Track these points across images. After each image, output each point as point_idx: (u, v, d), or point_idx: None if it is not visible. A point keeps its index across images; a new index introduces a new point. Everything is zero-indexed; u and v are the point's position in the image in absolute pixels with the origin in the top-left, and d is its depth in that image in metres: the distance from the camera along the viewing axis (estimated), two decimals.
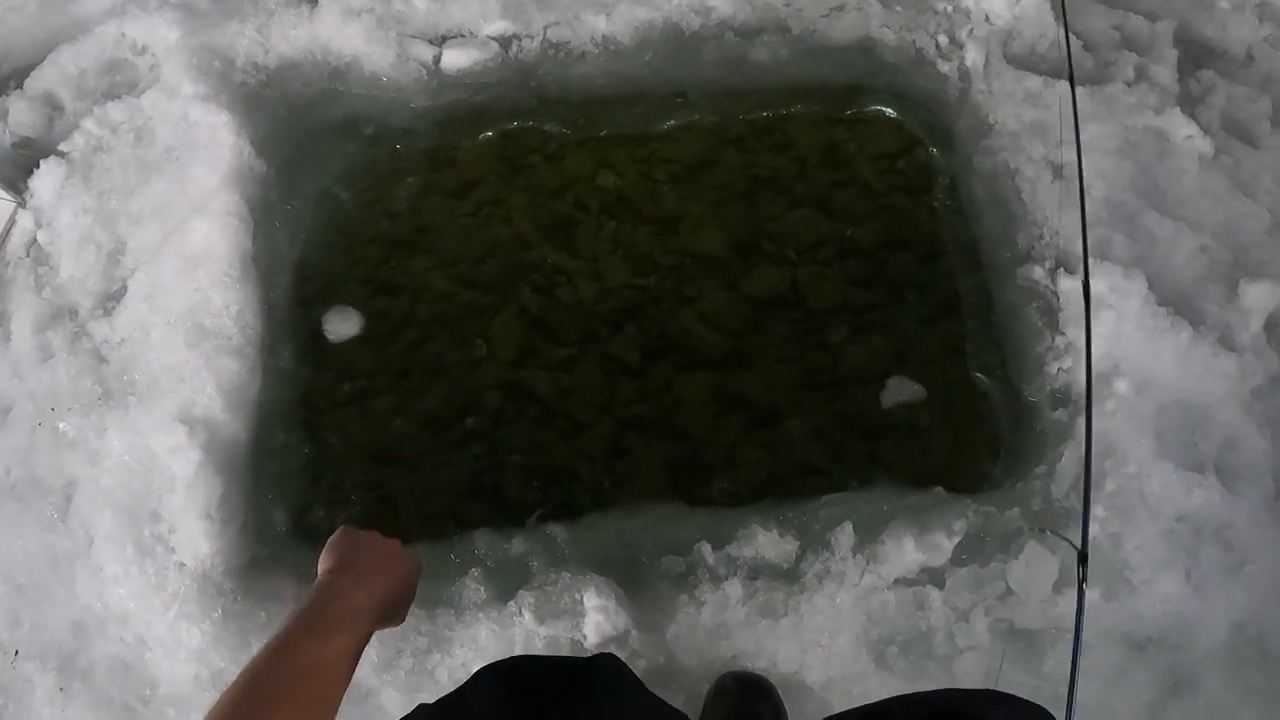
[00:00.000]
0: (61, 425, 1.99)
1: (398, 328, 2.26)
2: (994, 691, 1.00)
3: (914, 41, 2.27)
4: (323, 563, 1.19)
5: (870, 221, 2.34)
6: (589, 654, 1.75)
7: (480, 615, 1.82)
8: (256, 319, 2.08)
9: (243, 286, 2.07)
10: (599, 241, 2.36)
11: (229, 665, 1.81)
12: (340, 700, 1.03)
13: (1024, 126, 2.12)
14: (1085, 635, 1.87)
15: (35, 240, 2.16)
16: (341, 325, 2.23)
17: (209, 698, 1.80)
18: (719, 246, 2.34)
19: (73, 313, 2.09)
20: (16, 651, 1.88)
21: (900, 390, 2.15)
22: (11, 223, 2.17)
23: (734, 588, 1.81)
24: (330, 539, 1.24)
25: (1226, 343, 1.94)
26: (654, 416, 2.16)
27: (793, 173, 2.42)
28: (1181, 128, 2.09)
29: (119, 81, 2.35)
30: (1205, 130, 2.09)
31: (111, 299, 2.08)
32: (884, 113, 2.39)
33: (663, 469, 2.11)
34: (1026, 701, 1.03)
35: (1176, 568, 1.81)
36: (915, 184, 2.37)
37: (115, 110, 2.25)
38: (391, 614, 1.18)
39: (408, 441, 2.15)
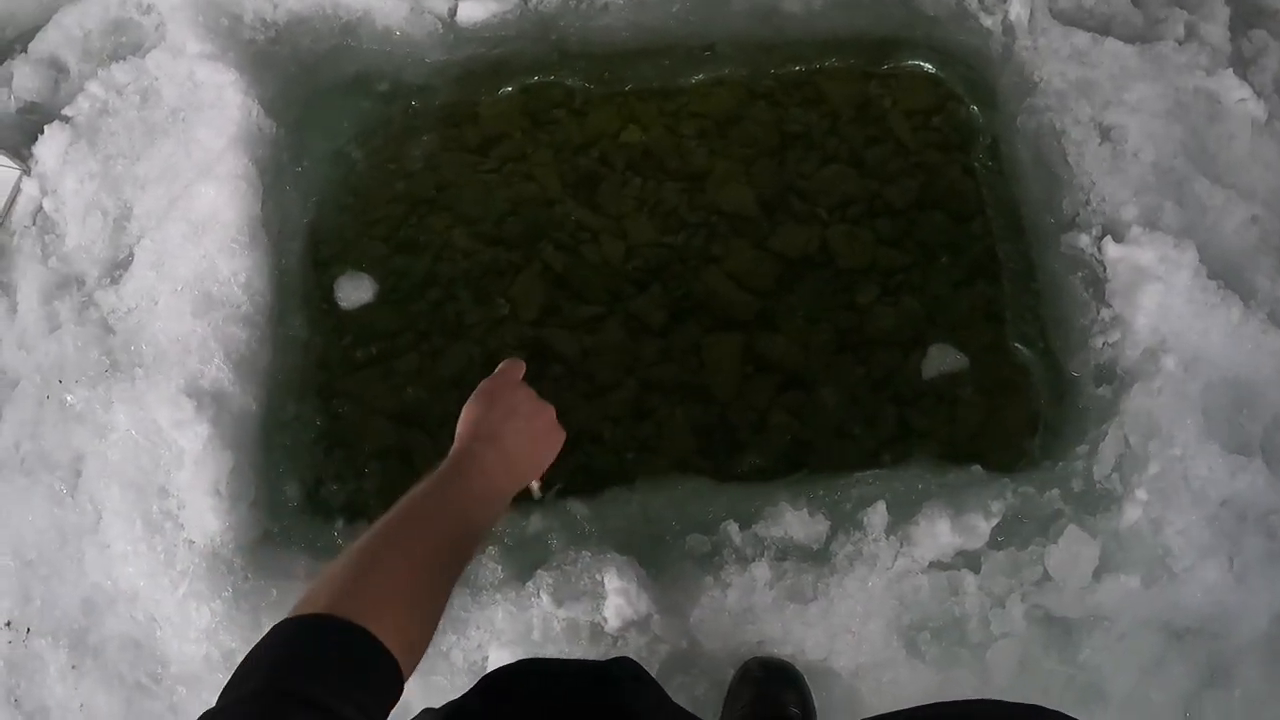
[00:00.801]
0: (69, 398, 1.94)
1: (419, 287, 2.20)
2: (1040, 709, 0.93)
3: None
4: (467, 415, 1.19)
5: (904, 180, 2.25)
6: (606, 655, 1.70)
7: (497, 596, 1.77)
8: (266, 286, 2.01)
9: (251, 252, 2.00)
10: (624, 198, 2.29)
11: (239, 645, 1.77)
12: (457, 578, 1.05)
13: (1070, 85, 2.01)
14: (1121, 623, 1.84)
15: (41, 208, 2.09)
16: (354, 291, 2.16)
17: (220, 678, 1.74)
18: (747, 204, 2.26)
19: (80, 282, 2.02)
20: (28, 629, 1.85)
21: (942, 359, 2.07)
22: (17, 191, 2.11)
23: (761, 569, 1.75)
24: (483, 387, 1.23)
25: (1277, 319, 1.84)
26: (679, 378, 2.10)
27: (824, 129, 2.33)
28: (1234, 90, 1.97)
29: (124, 42, 2.26)
30: (1258, 93, 1.96)
31: (119, 267, 2.02)
32: (922, 68, 2.28)
33: (688, 432, 2.06)
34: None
35: (1219, 555, 1.73)
36: (952, 142, 2.27)
37: (120, 72, 2.17)
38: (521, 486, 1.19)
39: (429, 403, 2.10)
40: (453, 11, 2.22)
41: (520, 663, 1.40)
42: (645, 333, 2.15)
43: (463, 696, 1.33)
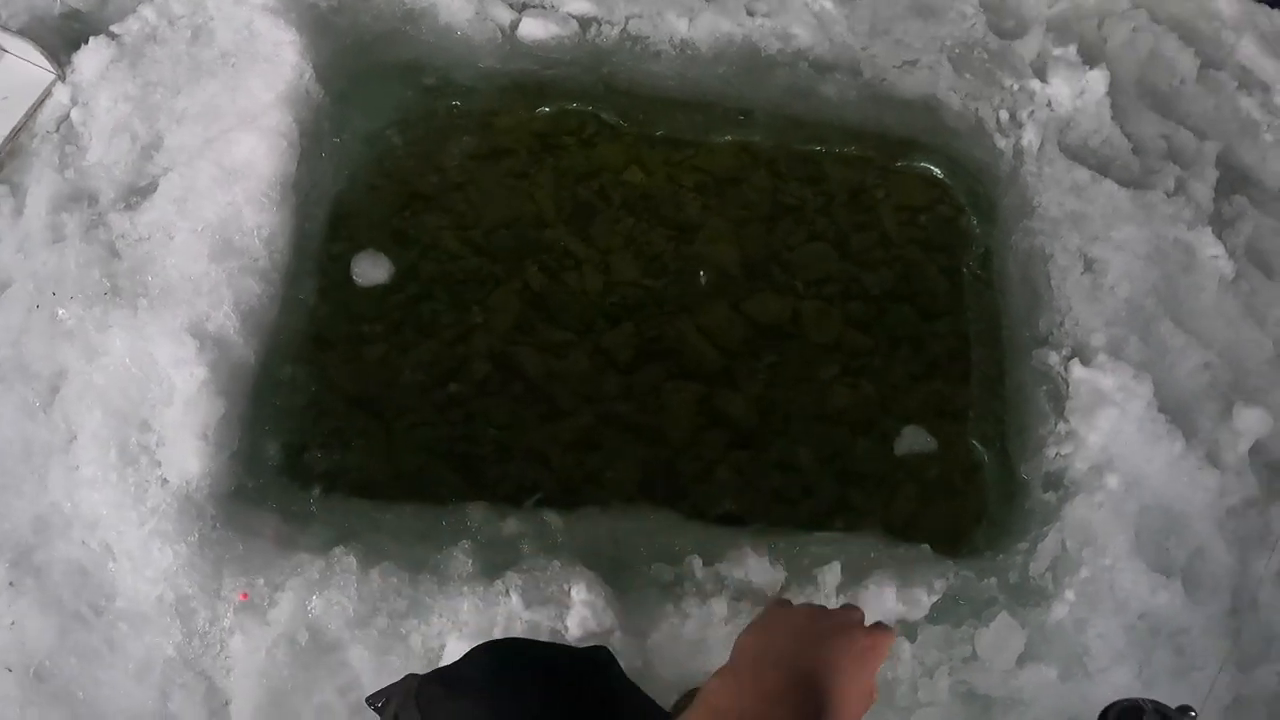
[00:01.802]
0: (61, 312, 1.90)
1: (399, 279, 2.22)
2: None
3: (976, 110, 2.32)
4: (747, 648, 0.89)
5: (882, 269, 2.38)
6: (583, 645, 1.76)
7: (465, 589, 1.80)
8: (287, 246, 2.02)
9: (279, 210, 2.01)
10: (614, 234, 2.36)
11: (197, 592, 1.76)
12: None
13: (1065, 215, 2.19)
14: (1035, 709, 1.98)
15: (68, 117, 2.06)
16: (371, 270, 2.19)
17: (169, 622, 1.75)
18: (731, 263, 2.35)
19: (93, 199, 2.00)
20: None
21: (915, 439, 2.20)
22: (47, 94, 2.07)
23: (719, 605, 1.83)
24: (767, 615, 0.93)
25: (1213, 459, 2.03)
26: (635, 417, 2.16)
27: (816, 206, 2.45)
28: (1209, 246, 2.18)
29: None
30: (1230, 253, 2.18)
31: (137, 194, 2.00)
32: (931, 171, 2.44)
33: (635, 470, 2.12)
34: None
35: (1131, 662, 1.88)
36: (934, 242, 2.41)
37: (177, 2, 2.16)
38: None
39: (388, 394, 2.12)
40: (515, 25, 2.29)
41: (509, 640, 1.45)
42: (610, 368, 2.21)
43: (457, 665, 1.37)
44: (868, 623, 0.93)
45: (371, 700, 1.53)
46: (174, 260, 1.93)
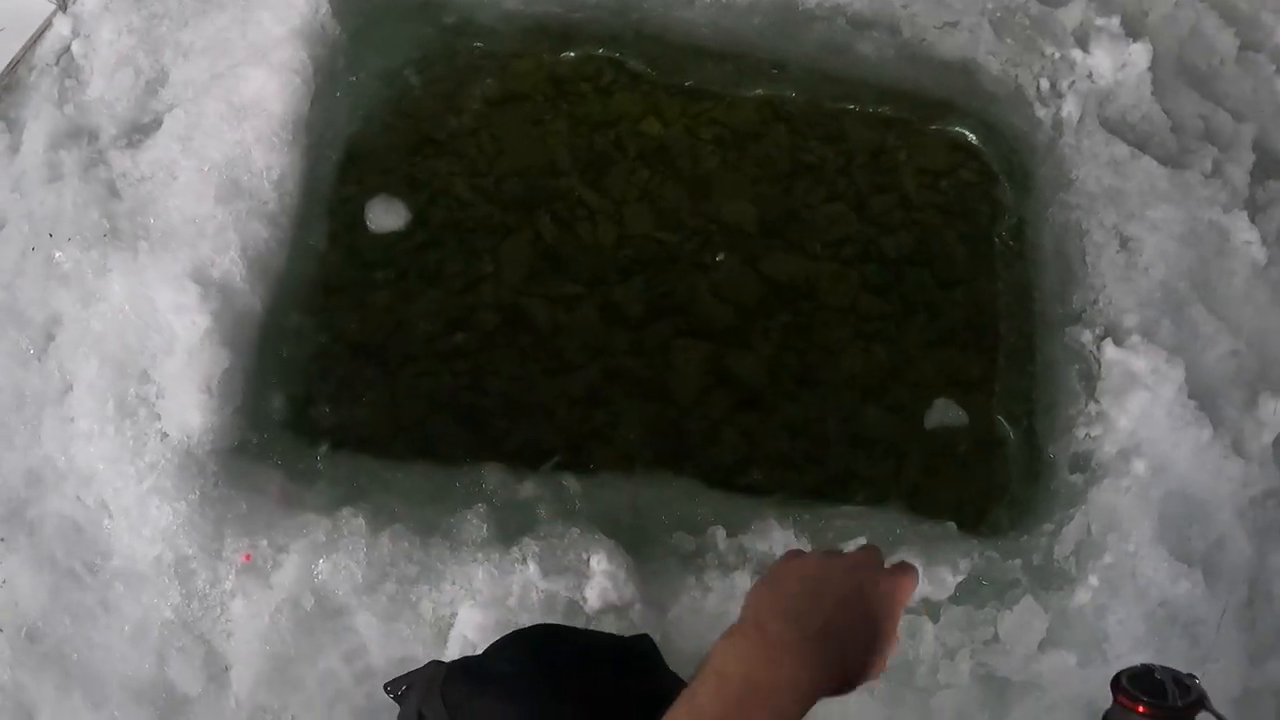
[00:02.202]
0: (57, 254, 1.80)
1: (409, 226, 2.13)
2: None
3: (1016, 77, 2.24)
4: (754, 603, 0.83)
5: (901, 233, 2.31)
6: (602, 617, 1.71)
7: (479, 554, 1.74)
8: (297, 189, 1.93)
9: (290, 151, 1.91)
10: (629, 186, 2.28)
11: (197, 552, 1.69)
12: None
13: (1102, 190, 2.13)
14: (1053, 694, 1.96)
15: (69, 49, 1.95)
16: (385, 216, 2.09)
17: (167, 583, 1.68)
18: (748, 220, 2.28)
19: (93, 136, 1.89)
20: None
21: (945, 412, 2.15)
22: (47, 25, 1.95)
23: (742, 579, 1.78)
24: (778, 566, 0.87)
25: (1238, 448, 1.99)
26: (643, 374, 2.10)
27: (836, 166, 2.37)
28: (1243, 231, 2.13)
29: None
30: (1264, 240, 2.13)
31: (140, 132, 1.89)
32: (965, 136, 2.37)
33: (640, 428, 2.06)
34: None
35: (1148, 649, 1.86)
36: (954, 208, 2.34)
37: None
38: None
39: (392, 343, 2.04)
40: None
41: (544, 629, 1.38)
42: (620, 323, 2.14)
43: (486, 657, 1.29)
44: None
45: (390, 687, 1.46)
46: (177, 201, 1.83)
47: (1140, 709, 0.91)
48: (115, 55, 1.93)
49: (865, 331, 2.22)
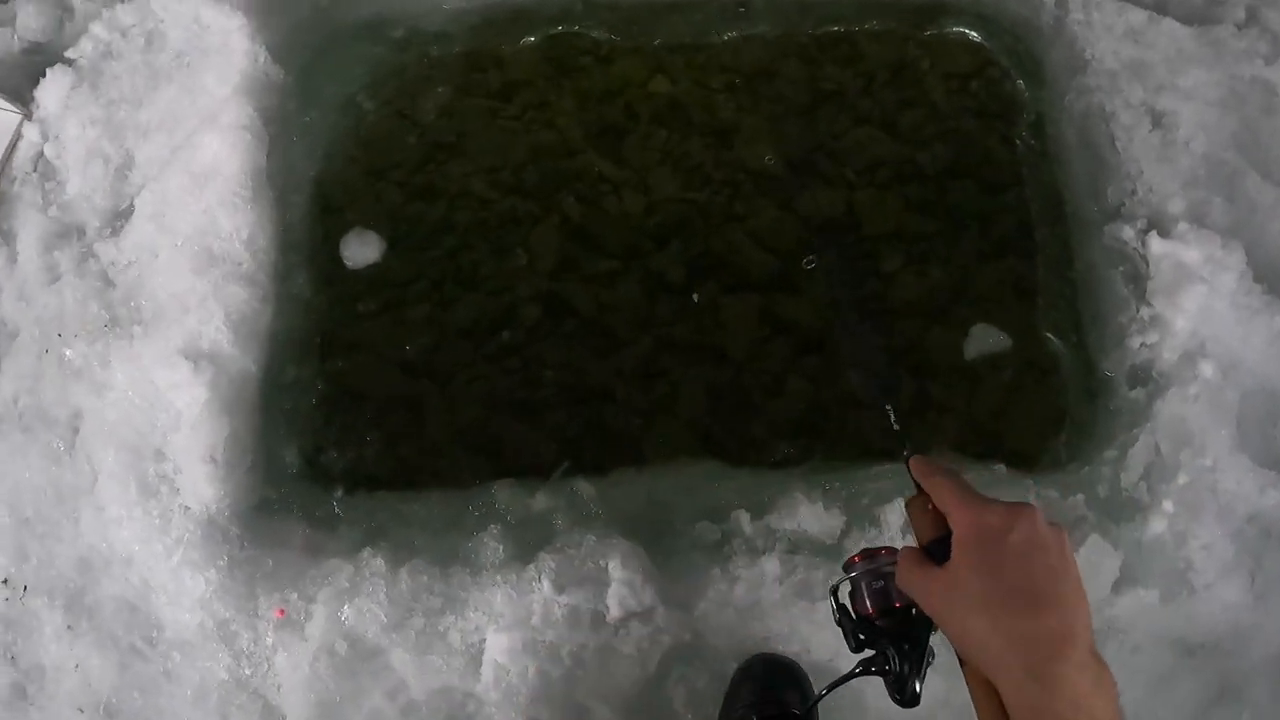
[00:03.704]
0: (68, 352, 1.89)
1: (433, 234, 2.13)
2: None
3: None
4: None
5: (937, 145, 2.17)
6: (607, 644, 1.67)
7: (497, 577, 1.73)
8: (270, 243, 1.94)
9: (255, 207, 1.92)
10: (648, 151, 2.21)
11: (234, 614, 1.74)
12: None
13: (1122, 65, 1.89)
14: (1135, 636, 1.78)
15: (42, 154, 2.02)
16: (361, 250, 2.08)
17: (215, 647, 1.75)
18: (774, 162, 2.18)
19: (80, 232, 1.96)
20: (25, 587, 1.82)
21: (985, 339, 1.99)
22: (18, 136, 2.03)
23: (771, 564, 1.70)
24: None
25: None
26: (695, 338, 2.05)
27: (858, 89, 2.24)
28: None
29: None
30: None
31: (119, 217, 1.95)
32: (966, 35, 2.15)
33: (702, 393, 2.00)
34: None
35: (1241, 572, 1.68)
36: (989, 109, 2.17)
37: (124, 13, 2.07)
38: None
39: (440, 354, 2.05)
40: None
41: None
42: (663, 290, 2.08)
43: None
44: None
45: None
46: (161, 280, 1.88)
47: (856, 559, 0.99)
48: (84, 149, 1.98)
49: (916, 254, 2.10)
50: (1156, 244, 1.79)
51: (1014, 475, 1.82)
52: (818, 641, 1.68)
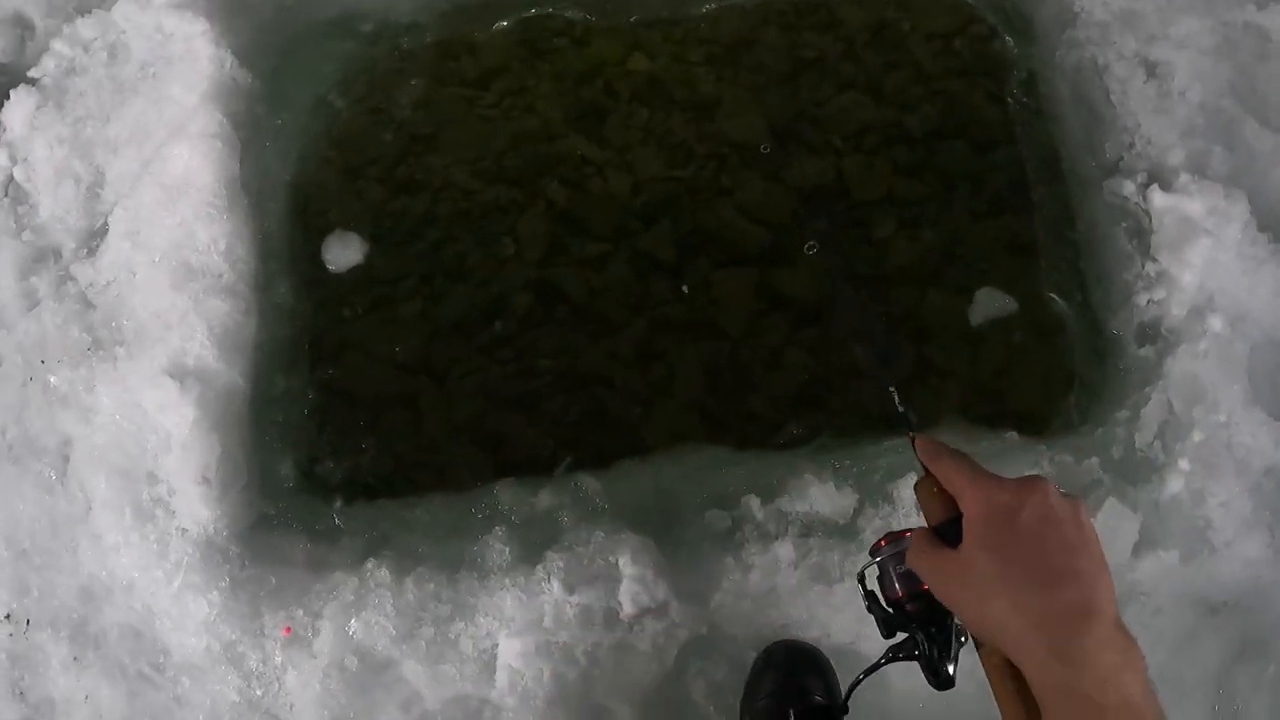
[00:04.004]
0: (52, 379, 1.84)
1: (418, 228, 2.09)
2: None
3: None
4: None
5: (924, 107, 2.13)
6: (622, 642, 1.64)
7: (505, 580, 1.69)
8: (249, 252, 1.89)
9: (230, 216, 1.87)
10: (630, 130, 2.17)
11: (241, 635, 1.71)
12: None
13: (1113, 17, 1.84)
14: (1157, 597, 1.75)
15: (12, 178, 1.97)
16: (343, 253, 2.04)
17: (223, 670, 1.72)
18: (759, 134, 2.14)
19: (56, 254, 1.91)
20: (28, 621, 1.79)
21: (990, 303, 1.95)
22: None
23: (784, 549, 1.66)
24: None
25: None
26: (690, 316, 2.01)
27: (839, 53, 2.20)
28: None
29: None
30: None
31: (94, 237, 1.90)
32: None
33: (699, 372, 1.97)
34: None
35: (1260, 528, 1.65)
36: (975, 67, 2.13)
37: (86, 26, 2.02)
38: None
39: (433, 349, 2.02)
40: None
41: None
42: (654, 270, 2.05)
43: None
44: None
45: None
46: (140, 298, 1.84)
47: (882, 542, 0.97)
48: (53, 169, 1.93)
49: (908, 218, 2.06)
50: (1158, 197, 1.75)
51: (1026, 441, 1.78)
52: (838, 625, 1.66)
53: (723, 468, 1.85)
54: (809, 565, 1.66)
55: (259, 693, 1.72)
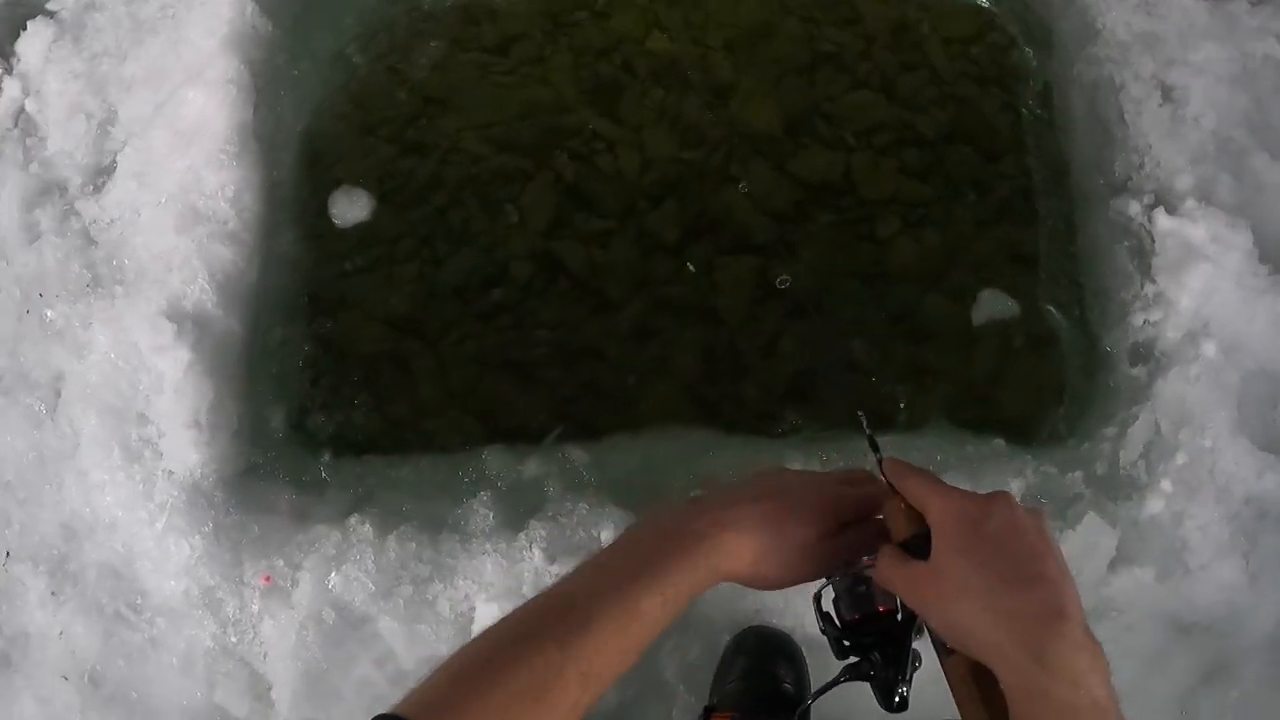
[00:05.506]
0: (49, 313, 1.84)
1: (424, 191, 2.09)
2: None
3: None
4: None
5: (936, 111, 2.14)
6: None
7: (487, 545, 1.70)
8: (256, 200, 1.89)
9: (240, 164, 1.87)
10: (644, 109, 2.18)
11: (220, 582, 1.71)
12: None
13: (1134, 37, 1.85)
14: (1130, 614, 1.77)
15: (23, 109, 1.96)
16: (350, 208, 2.04)
17: (200, 615, 1.72)
18: (771, 123, 2.15)
19: (62, 189, 1.91)
20: (7, 553, 1.79)
21: (993, 305, 1.96)
22: None
23: None
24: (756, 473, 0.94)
25: None
26: (689, 299, 2.02)
27: (857, 51, 2.21)
28: None
29: None
30: None
31: (102, 174, 1.90)
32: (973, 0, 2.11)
33: (694, 354, 1.98)
34: None
35: (1236, 554, 1.67)
36: (989, 75, 2.14)
37: None
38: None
39: (431, 311, 2.02)
40: None
41: None
42: (658, 250, 2.06)
43: None
44: None
45: None
46: (143, 239, 1.83)
47: None
48: (66, 104, 1.92)
49: (912, 219, 2.07)
50: (1163, 220, 1.76)
51: (1012, 450, 1.80)
52: (811, 616, 1.66)
53: (710, 450, 1.86)
54: None
55: (234, 639, 1.73)
